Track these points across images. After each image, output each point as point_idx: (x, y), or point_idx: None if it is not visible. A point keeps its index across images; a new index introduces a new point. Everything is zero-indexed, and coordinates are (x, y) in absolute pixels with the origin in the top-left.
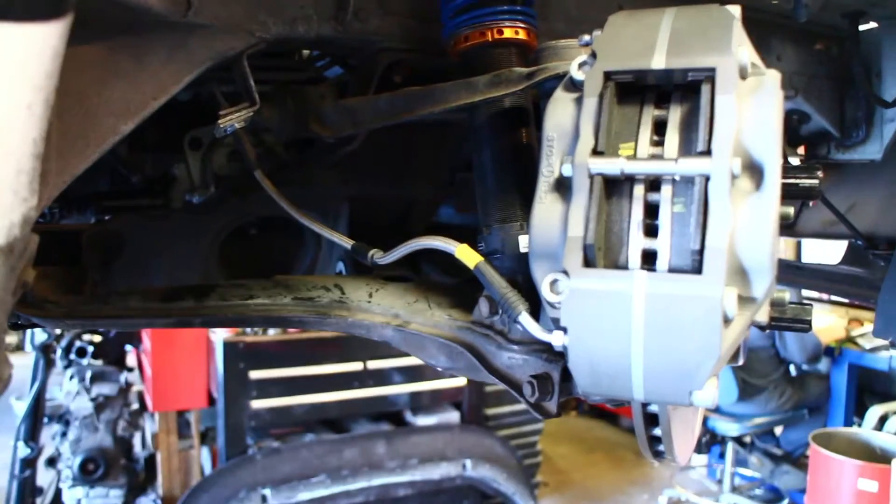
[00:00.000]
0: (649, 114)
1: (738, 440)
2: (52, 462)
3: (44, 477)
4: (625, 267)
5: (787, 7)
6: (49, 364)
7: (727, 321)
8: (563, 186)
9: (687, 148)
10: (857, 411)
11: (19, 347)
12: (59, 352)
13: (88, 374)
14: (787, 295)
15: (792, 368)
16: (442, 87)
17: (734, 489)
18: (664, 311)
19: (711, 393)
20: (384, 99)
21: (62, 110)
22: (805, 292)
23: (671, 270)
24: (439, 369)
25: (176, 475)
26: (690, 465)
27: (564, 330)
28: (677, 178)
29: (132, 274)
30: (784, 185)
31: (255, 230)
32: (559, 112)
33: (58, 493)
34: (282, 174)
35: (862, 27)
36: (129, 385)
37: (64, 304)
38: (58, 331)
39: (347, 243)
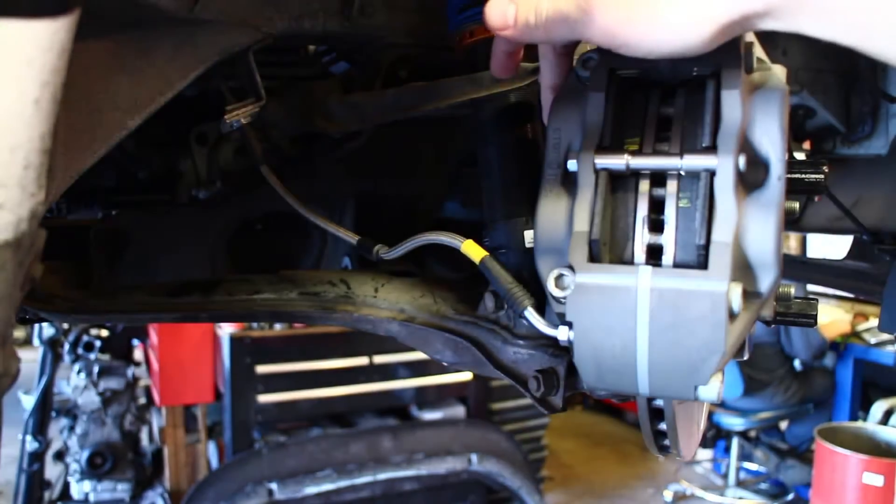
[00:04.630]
0: (654, 109)
1: (743, 435)
2: (59, 456)
3: (52, 471)
4: (630, 262)
5: None
6: (57, 358)
7: (732, 316)
8: (568, 182)
9: (692, 143)
10: (862, 406)
11: (27, 342)
12: (66, 346)
13: (96, 369)
14: (792, 290)
15: (797, 363)
16: (447, 82)
17: (739, 483)
18: (669, 305)
19: (716, 387)
20: (390, 94)
21: (69, 105)
22: (810, 287)
23: (676, 265)
24: (445, 364)
25: (183, 469)
26: (696, 460)
27: (570, 325)
28: (683, 173)
29: (139, 269)
30: (789, 180)
31: (261, 225)
32: (564, 107)
33: (66, 486)
34: (288, 169)
35: None
36: (136, 379)
37: (71, 298)
38: (65, 325)
39: (353, 238)
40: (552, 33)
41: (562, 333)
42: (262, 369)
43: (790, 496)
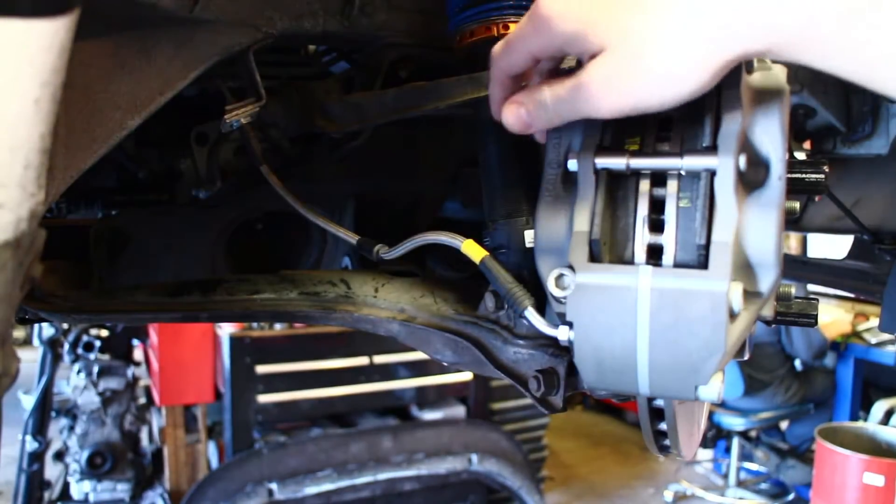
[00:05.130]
0: None
1: (743, 435)
2: (59, 456)
3: (52, 471)
4: (630, 262)
5: None
6: (56, 358)
7: (733, 316)
8: (568, 181)
9: (693, 143)
10: (862, 406)
11: (27, 342)
12: (66, 346)
13: (96, 369)
14: (792, 289)
15: (797, 363)
16: (447, 82)
17: (740, 483)
18: (670, 305)
19: (717, 387)
20: (390, 94)
21: (68, 105)
22: (811, 287)
23: (677, 265)
24: (445, 364)
25: (183, 469)
26: (696, 460)
27: (570, 325)
28: (683, 173)
29: (139, 268)
30: (790, 180)
31: (261, 225)
32: None
33: (66, 486)
34: (288, 169)
35: None
36: (136, 379)
37: (71, 298)
38: (65, 325)
39: (353, 238)
40: (564, 115)
41: (562, 333)
42: (262, 369)
43: (791, 496)
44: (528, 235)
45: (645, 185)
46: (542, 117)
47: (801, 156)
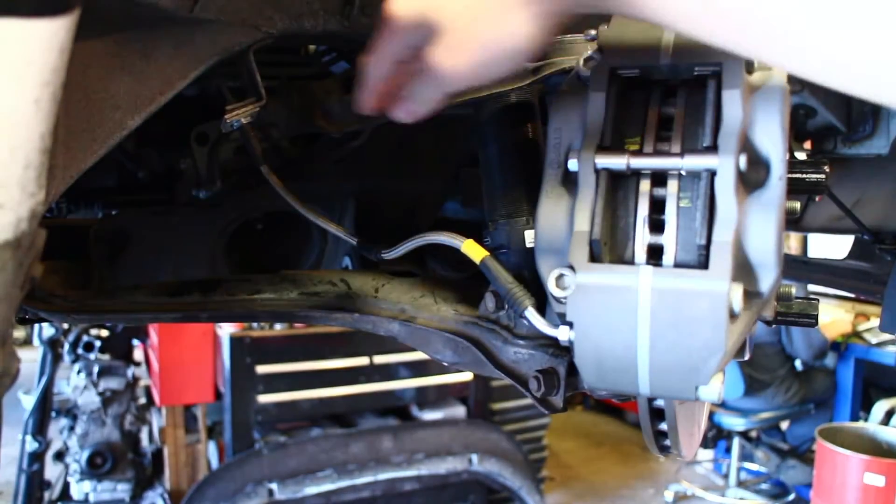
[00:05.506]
0: (655, 109)
1: (744, 435)
2: (59, 456)
3: (52, 471)
4: (631, 262)
5: None
6: (56, 358)
7: (733, 316)
8: (569, 181)
9: (693, 143)
10: (863, 406)
11: (27, 342)
12: (66, 346)
13: (96, 369)
14: (793, 289)
15: (798, 363)
16: None
17: (740, 484)
18: (670, 305)
19: (717, 388)
20: None
21: (68, 105)
22: (811, 287)
23: (677, 265)
24: (445, 364)
25: (183, 469)
26: (696, 460)
27: (570, 325)
28: (683, 173)
29: (139, 268)
30: (790, 180)
31: (261, 225)
32: (565, 107)
33: (66, 486)
34: (288, 169)
35: None
36: (136, 380)
37: (71, 298)
38: (65, 325)
39: (353, 238)
40: (435, 95)
41: (562, 333)
42: (262, 369)
43: (791, 496)
44: (529, 235)
45: (645, 184)
46: (423, 102)
47: (801, 156)
